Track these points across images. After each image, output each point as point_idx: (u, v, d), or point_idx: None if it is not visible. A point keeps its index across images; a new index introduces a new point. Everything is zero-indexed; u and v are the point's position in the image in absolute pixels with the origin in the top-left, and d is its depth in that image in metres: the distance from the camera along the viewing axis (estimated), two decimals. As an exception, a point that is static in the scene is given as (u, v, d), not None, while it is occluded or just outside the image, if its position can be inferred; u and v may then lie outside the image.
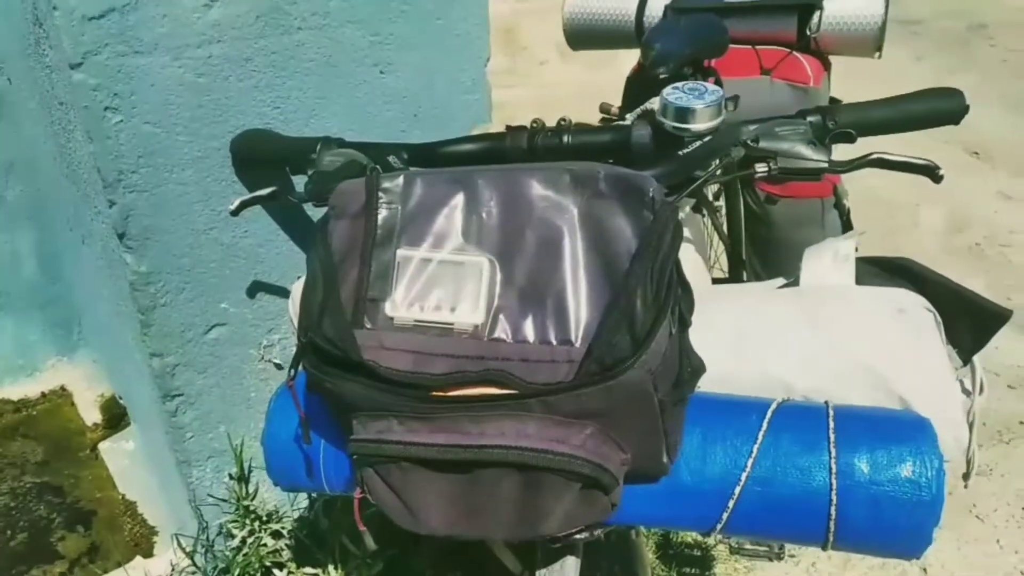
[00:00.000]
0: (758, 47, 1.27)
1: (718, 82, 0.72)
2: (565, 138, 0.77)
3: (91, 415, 1.69)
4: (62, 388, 1.77)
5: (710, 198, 1.59)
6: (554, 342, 0.55)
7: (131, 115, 0.93)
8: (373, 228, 0.60)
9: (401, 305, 0.58)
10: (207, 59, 0.97)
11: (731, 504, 0.59)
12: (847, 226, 1.29)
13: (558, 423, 0.54)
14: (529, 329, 0.56)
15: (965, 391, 0.65)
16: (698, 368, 0.61)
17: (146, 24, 0.91)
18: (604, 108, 1.03)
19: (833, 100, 1.22)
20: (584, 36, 1.42)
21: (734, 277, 1.47)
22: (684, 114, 0.71)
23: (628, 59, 1.22)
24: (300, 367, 0.61)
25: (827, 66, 1.29)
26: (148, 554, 1.40)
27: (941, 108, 0.72)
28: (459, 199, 0.60)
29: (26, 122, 1.49)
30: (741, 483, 0.59)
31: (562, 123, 0.78)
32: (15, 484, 1.53)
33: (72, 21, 0.86)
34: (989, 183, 2.92)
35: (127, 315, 1.10)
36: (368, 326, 0.58)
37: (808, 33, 1.24)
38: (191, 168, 0.99)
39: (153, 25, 0.91)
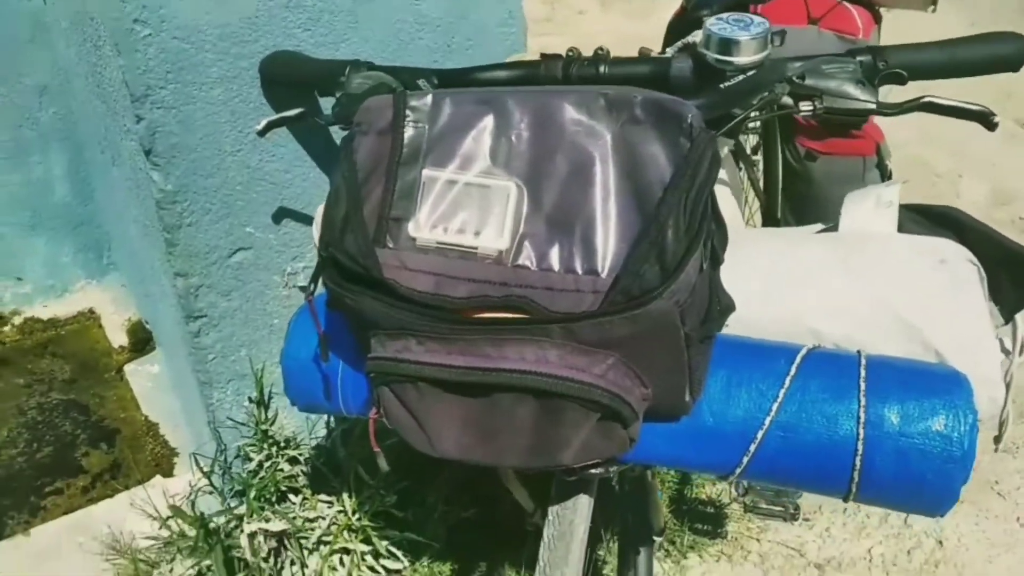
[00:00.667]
0: None
1: None
2: (602, 68, 0.74)
3: (118, 338, 1.72)
4: (91, 311, 1.79)
5: (748, 151, 1.54)
6: (580, 272, 0.53)
7: (160, 29, 0.91)
8: (399, 146, 0.59)
9: (424, 226, 0.57)
10: (238, -25, 0.94)
11: (752, 448, 0.58)
12: (888, 186, 1.25)
13: (580, 351, 0.52)
14: (555, 257, 0.54)
15: (1004, 350, 0.63)
16: (728, 307, 0.59)
17: (177, -65, 0.89)
18: (643, 53, 0.99)
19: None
20: None
21: (767, 233, 1.44)
22: (728, 45, 0.68)
23: (668, 8, 1.17)
24: (320, 283, 0.60)
25: (877, 19, 1.23)
26: (168, 473, 1.44)
27: (999, 53, 0.67)
28: (488, 120, 0.58)
29: (60, 42, 1.48)
30: (764, 427, 0.57)
31: (599, 52, 0.75)
32: (43, 400, 1.57)
33: (103, -72, 0.85)
34: (1038, 156, 2.81)
35: (154, 235, 1.10)
36: (390, 245, 0.57)
37: (858, -20, 1.18)
38: (219, 87, 0.98)
39: (184, -64, 0.89)
